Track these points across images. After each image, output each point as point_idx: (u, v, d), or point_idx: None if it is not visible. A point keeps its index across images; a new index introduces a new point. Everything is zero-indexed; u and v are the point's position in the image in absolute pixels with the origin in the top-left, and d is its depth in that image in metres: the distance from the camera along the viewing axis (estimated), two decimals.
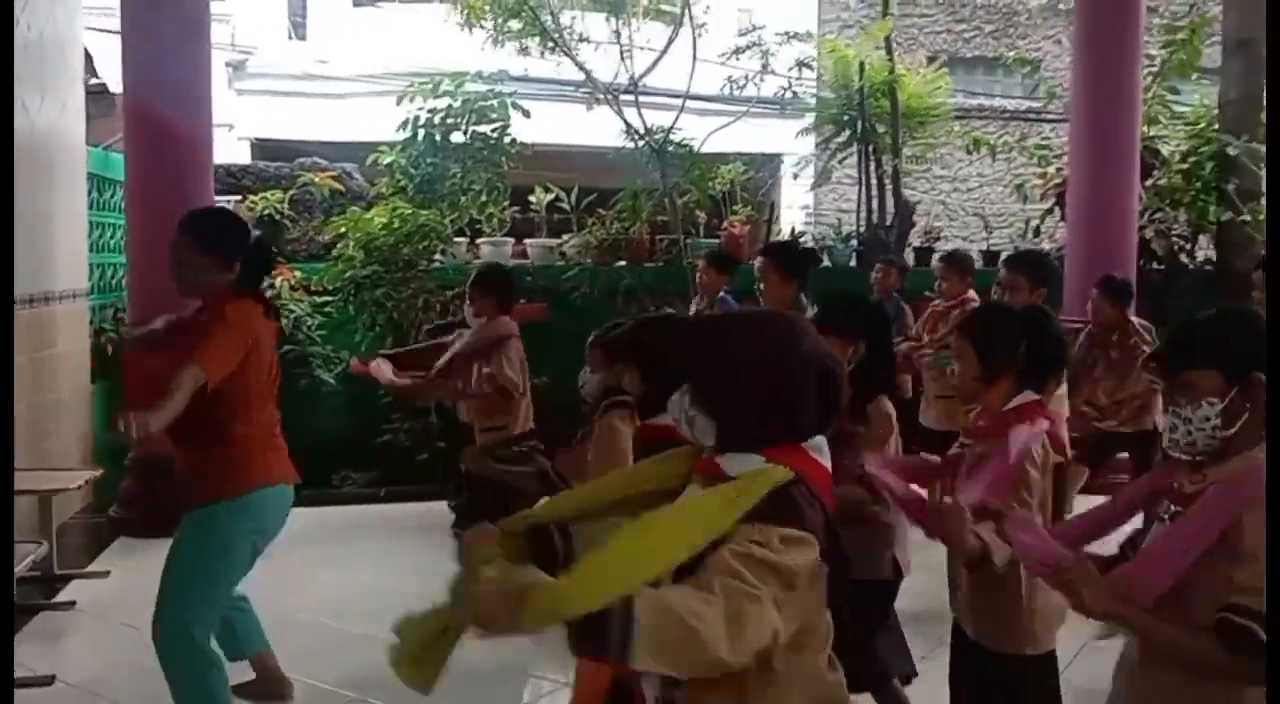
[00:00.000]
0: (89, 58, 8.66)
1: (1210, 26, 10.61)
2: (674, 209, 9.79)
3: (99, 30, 9.71)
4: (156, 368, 3.74)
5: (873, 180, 10.41)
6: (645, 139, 9.82)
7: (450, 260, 9.30)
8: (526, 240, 10.02)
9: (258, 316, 3.84)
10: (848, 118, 10.53)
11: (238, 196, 9.34)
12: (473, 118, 9.56)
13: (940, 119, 10.71)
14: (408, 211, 8.84)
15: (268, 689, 4.46)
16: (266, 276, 4.04)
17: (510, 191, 9.92)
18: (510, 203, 9.95)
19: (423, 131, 9.48)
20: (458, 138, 9.58)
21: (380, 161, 9.66)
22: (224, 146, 10.47)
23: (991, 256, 10.75)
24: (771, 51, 9.98)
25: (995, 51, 16.15)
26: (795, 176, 12.08)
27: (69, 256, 7.74)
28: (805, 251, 5.50)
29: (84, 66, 8.31)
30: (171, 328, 4.14)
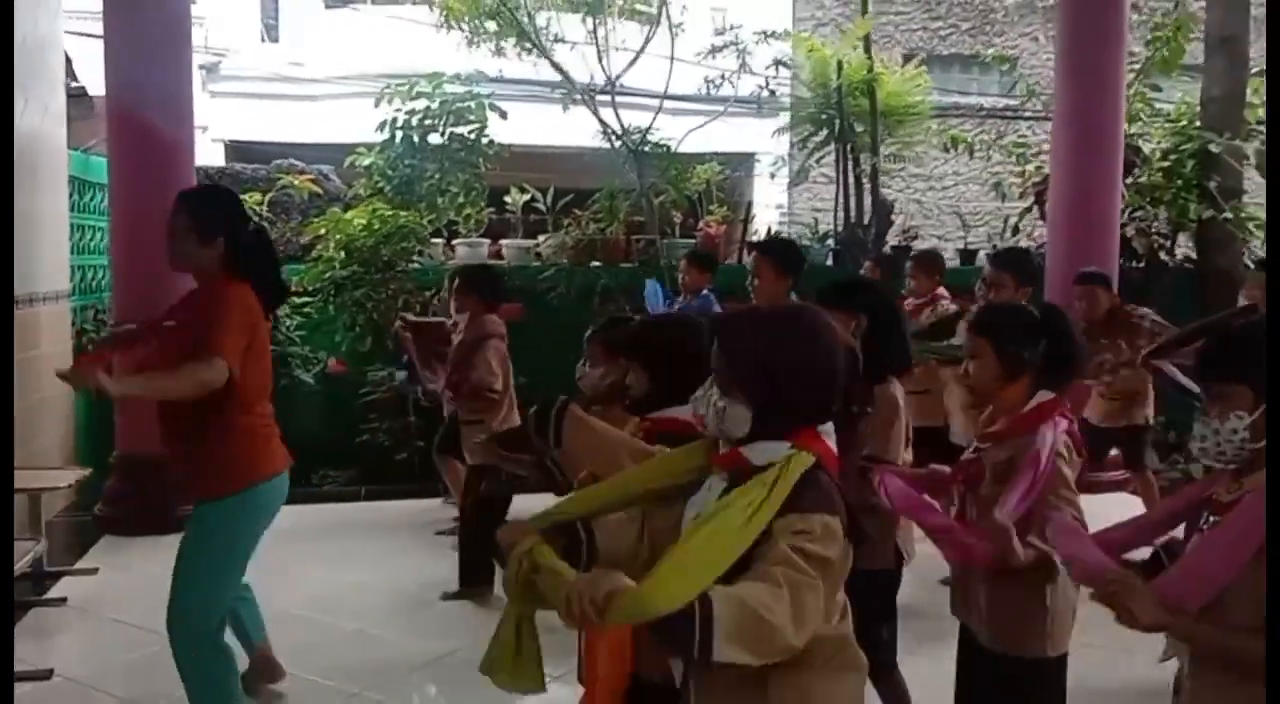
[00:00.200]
0: (68, 61, 8.67)
1: (1195, 24, 10.61)
2: (651, 209, 9.81)
3: (76, 34, 9.72)
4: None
5: (850, 179, 10.46)
6: (622, 139, 9.87)
7: (428, 261, 9.35)
8: (502, 241, 10.04)
9: (256, 303, 3.82)
10: (825, 117, 10.55)
11: None
12: (450, 119, 9.61)
13: (919, 117, 10.76)
14: (387, 212, 8.86)
15: (264, 675, 4.56)
16: (268, 270, 3.99)
17: (487, 192, 9.98)
18: (486, 204, 10.00)
19: (400, 133, 9.53)
20: (435, 139, 9.63)
21: (358, 163, 9.70)
22: (198, 149, 10.41)
23: (969, 254, 10.86)
24: (749, 51, 10.04)
25: (971, 49, 16.18)
26: (772, 176, 12.12)
27: (52, 259, 7.76)
28: (799, 249, 5.57)
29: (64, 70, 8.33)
30: (149, 327, 4.12)
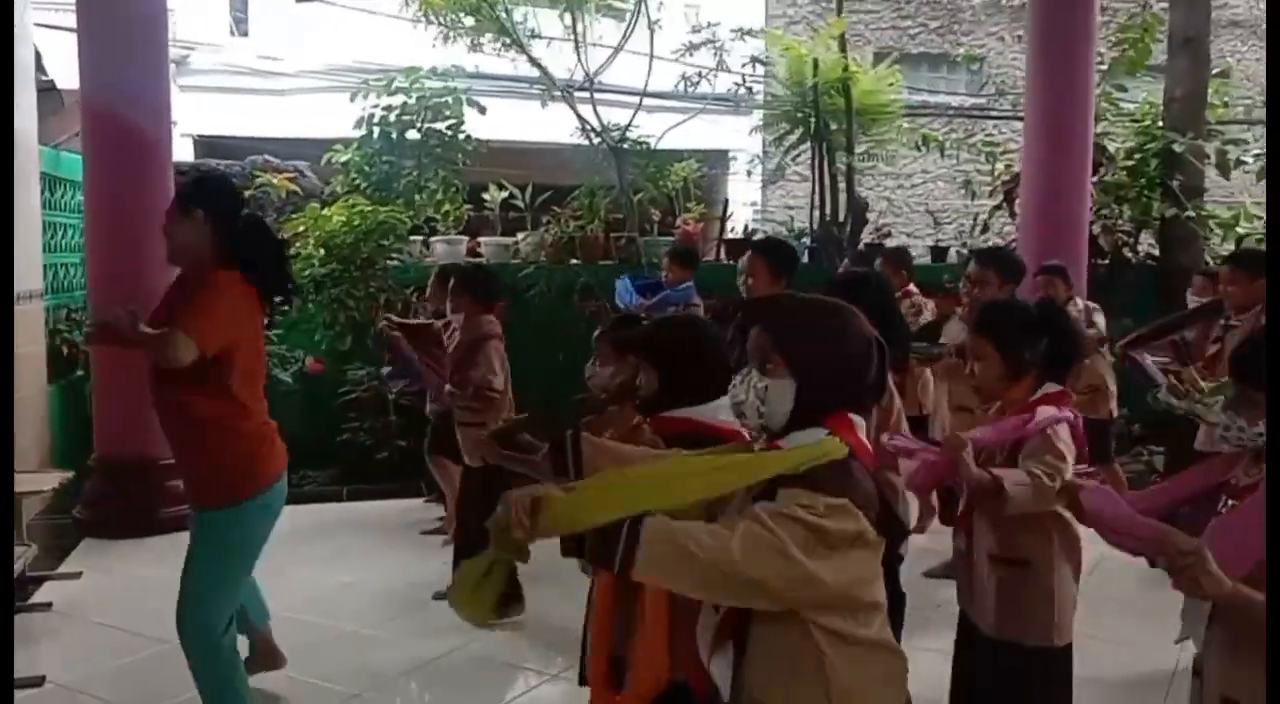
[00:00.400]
0: (37, 54, 8.53)
1: (1159, 25, 10.80)
2: (631, 207, 9.77)
3: (44, 26, 9.57)
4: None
5: (826, 177, 10.47)
6: (602, 136, 9.82)
7: (408, 259, 9.27)
8: (480, 238, 9.99)
9: (249, 294, 3.74)
10: (801, 115, 10.56)
11: None
12: (428, 115, 9.54)
13: (892, 116, 10.79)
14: (367, 208, 8.76)
15: (265, 661, 4.55)
16: (267, 259, 3.86)
17: (467, 189, 9.91)
18: (465, 200, 9.93)
19: (378, 129, 9.45)
20: (413, 135, 9.55)
21: (335, 160, 9.60)
22: None
23: (940, 252, 10.94)
24: (726, 48, 10.02)
25: (939, 48, 16.33)
26: (749, 174, 12.12)
27: (24, 258, 7.59)
28: (794, 249, 5.55)
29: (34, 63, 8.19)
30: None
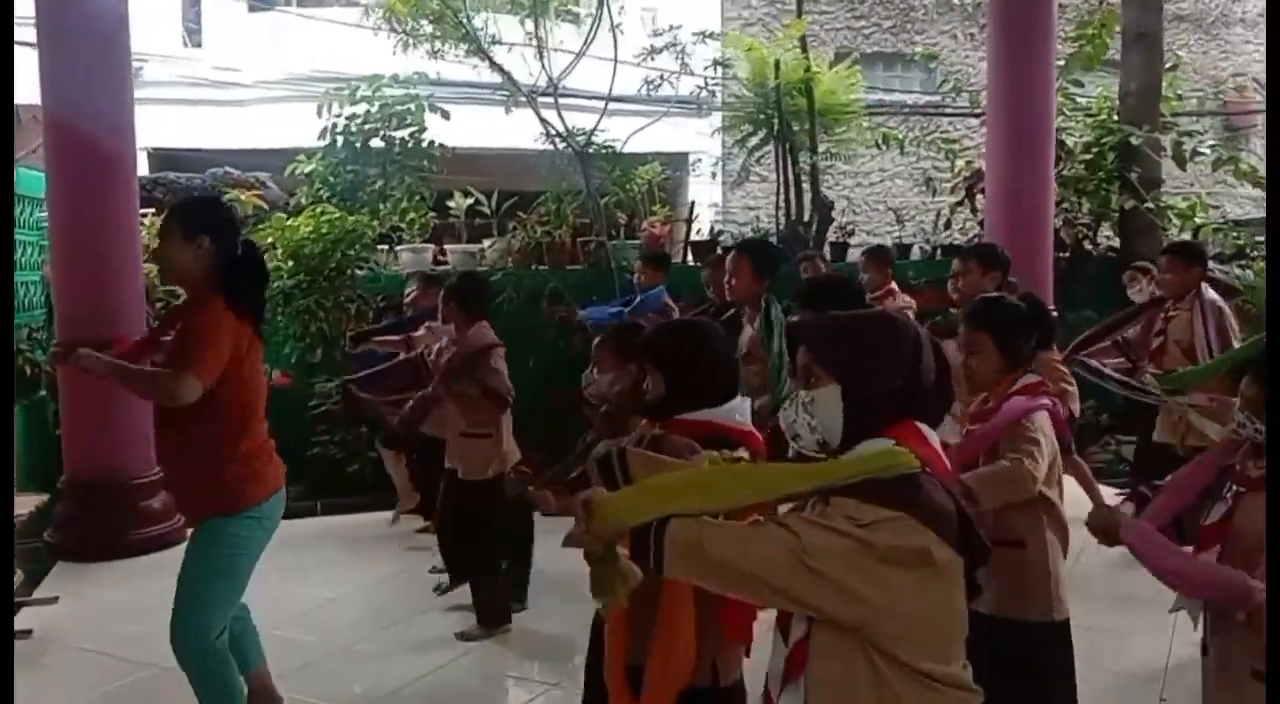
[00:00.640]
0: None
1: (1115, 20, 11.01)
2: (597, 211, 9.75)
3: None
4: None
5: (790, 177, 10.51)
6: (567, 141, 9.79)
7: (376, 268, 9.19)
8: (447, 245, 9.95)
9: (243, 321, 3.78)
10: (764, 116, 10.60)
11: (151, 210, 9.08)
12: (391, 122, 9.49)
13: (854, 115, 10.86)
14: (335, 216, 8.67)
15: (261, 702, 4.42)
16: (258, 285, 3.94)
17: (433, 196, 9.85)
18: (430, 208, 9.88)
19: (341, 138, 9.38)
20: (377, 143, 9.49)
21: (299, 171, 9.52)
22: None
23: (903, 249, 11.00)
24: (688, 52, 10.03)
25: (893, 47, 16.46)
26: (714, 176, 12.14)
27: None
28: (777, 250, 5.56)
29: None
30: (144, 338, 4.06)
